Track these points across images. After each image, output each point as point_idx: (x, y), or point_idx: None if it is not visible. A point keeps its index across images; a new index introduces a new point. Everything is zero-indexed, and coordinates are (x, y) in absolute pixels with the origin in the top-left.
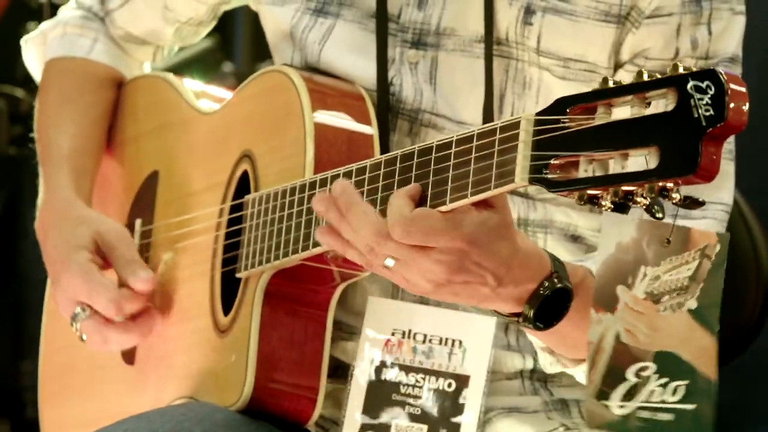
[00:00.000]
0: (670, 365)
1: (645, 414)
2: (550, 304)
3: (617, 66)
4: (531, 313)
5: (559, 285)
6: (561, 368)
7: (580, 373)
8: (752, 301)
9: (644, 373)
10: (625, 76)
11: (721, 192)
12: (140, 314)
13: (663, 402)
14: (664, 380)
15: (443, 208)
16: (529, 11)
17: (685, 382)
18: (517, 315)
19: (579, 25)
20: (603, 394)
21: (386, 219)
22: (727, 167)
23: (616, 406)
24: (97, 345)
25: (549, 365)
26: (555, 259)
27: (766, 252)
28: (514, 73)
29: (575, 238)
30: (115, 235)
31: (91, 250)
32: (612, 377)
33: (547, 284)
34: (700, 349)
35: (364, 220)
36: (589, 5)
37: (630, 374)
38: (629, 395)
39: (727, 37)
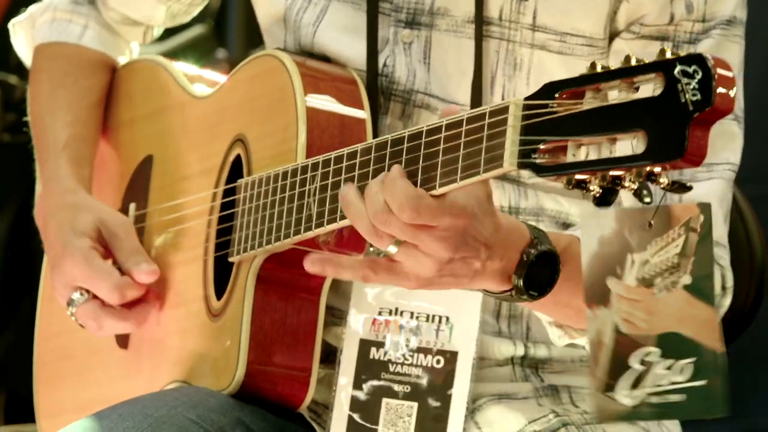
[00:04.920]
0: (674, 345)
1: (655, 399)
2: (538, 270)
3: (614, 35)
4: (520, 283)
5: (542, 248)
6: (569, 340)
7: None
8: (745, 289)
9: (648, 359)
10: (623, 45)
11: (726, 152)
12: (137, 302)
13: (672, 383)
14: (669, 362)
15: (433, 193)
16: None
17: (692, 359)
18: (510, 291)
19: None
20: (609, 387)
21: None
22: (732, 128)
23: (624, 396)
24: (91, 330)
25: (557, 338)
26: (533, 228)
27: (759, 240)
28: (505, 54)
29: (567, 226)
30: (118, 224)
31: (93, 237)
32: (616, 369)
33: (530, 251)
34: (702, 323)
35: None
36: None
37: (634, 362)
38: (637, 383)
39: None
